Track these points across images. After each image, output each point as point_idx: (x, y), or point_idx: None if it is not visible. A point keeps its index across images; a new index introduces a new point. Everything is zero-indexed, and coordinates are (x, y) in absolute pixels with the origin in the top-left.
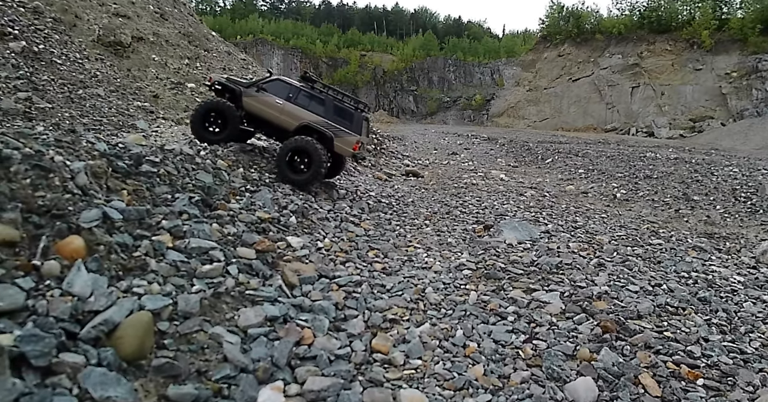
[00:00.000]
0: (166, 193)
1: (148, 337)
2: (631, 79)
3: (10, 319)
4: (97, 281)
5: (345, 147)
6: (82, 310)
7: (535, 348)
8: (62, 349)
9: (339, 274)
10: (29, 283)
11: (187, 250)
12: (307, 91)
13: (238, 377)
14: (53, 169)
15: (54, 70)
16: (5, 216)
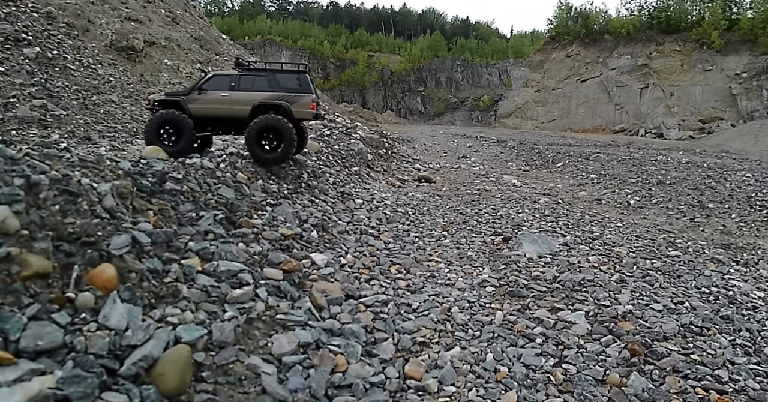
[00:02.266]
0: (191, 211)
1: (187, 372)
2: (640, 79)
3: (49, 357)
4: (132, 312)
5: (304, 110)
6: (120, 345)
7: (566, 372)
8: (104, 389)
9: (365, 294)
10: (65, 317)
11: (216, 273)
12: (247, 74)
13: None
14: (81, 193)
15: (68, 76)
16: (36, 246)
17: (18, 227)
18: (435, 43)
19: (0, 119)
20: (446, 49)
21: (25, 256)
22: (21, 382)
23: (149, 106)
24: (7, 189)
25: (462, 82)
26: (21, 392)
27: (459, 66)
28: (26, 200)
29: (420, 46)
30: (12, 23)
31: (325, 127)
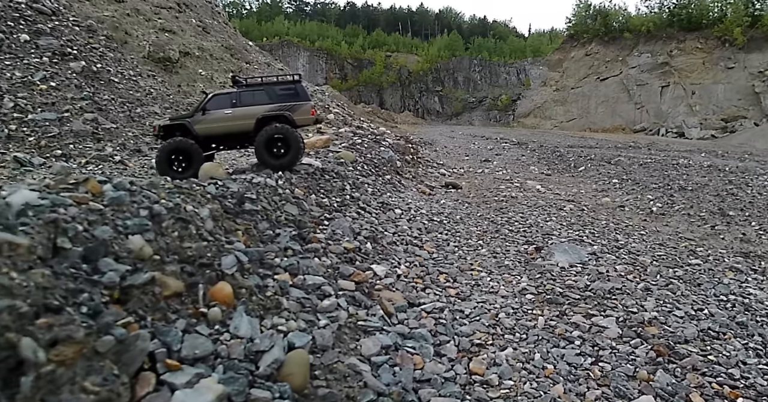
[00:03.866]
0: (268, 229)
1: (307, 371)
2: (661, 78)
3: (203, 363)
4: (252, 323)
5: (305, 117)
6: (251, 351)
7: (602, 369)
8: (250, 387)
9: (423, 301)
10: (205, 329)
11: (304, 286)
12: (245, 90)
13: (380, 400)
14: (189, 219)
15: (113, 89)
16: (168, 268)
17: (151, 253)
18: (452, 42)
19: (57, 133)
20: (464, 49)
21: (164, 279)
22: (199, 383)
23: (154, 133)
24: (136, 220)
25: (480, 82)
26: (210, 392)
27: (477, 65)
28: (153, 229)
29: (437, 45)
30: (57, 38)
31: (354, 134)
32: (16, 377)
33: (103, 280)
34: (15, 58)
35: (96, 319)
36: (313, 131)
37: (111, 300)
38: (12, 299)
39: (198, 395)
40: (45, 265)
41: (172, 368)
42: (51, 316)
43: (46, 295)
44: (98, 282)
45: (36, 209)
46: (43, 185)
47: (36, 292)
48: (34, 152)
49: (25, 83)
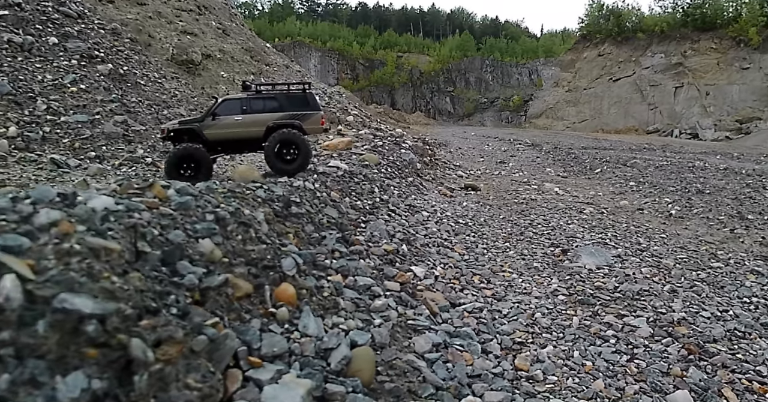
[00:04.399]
0: (314, 232)
1: (373, 367)
2: (675, 78)
3: (280, 360)
4: (318, 322)
5: (314, 126)
6: (321, 349)
7: (638, 366)
8: (326, 382)
9: (463, 302)
10: (278, 328)
11: (356, 287)
12: (256, 97)
13: (439, 394)
14: (249, 223)
15: (140, 92)
16: (236, 271)
17: (221, 256)
18: (464, 43)
19: (90, 135)
20: (475, 49)
21: (235, 280)
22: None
23: (162, 136)
24: (204, 224)
25: (491, 82)
26: (299, 387)
27: (488, 66)
28: (220, 232)
29: (449, 46)
30: (84, 41)
31: (374, 136)
32: (127, 376)
33: (184, 282)
34: (45, 60)
35: (185, 320)
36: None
37: (192, 301)
38: (116, 302)
39: (288, 390)
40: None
41: (254, 365)
42: (151, 318)
43: (144, 298)
44: (180, 284)
45: (115, 214)
46: (111, 190)
47: (135, 294)
48: (69, 154)
49: (56, 86)
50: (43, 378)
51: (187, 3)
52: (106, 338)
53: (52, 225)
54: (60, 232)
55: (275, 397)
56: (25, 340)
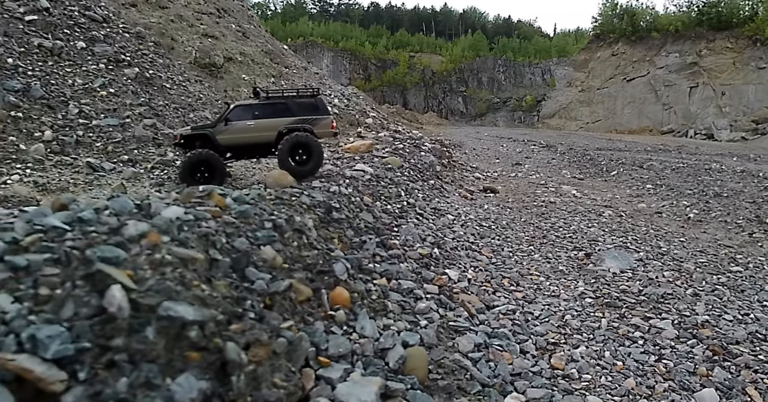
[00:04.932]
0: (354, 236)
1: (426, 366)
2: (690, 78)
3: (344, 360)
4: (373, 324)
5: (325, 130)
6: (378, 349)
7: (666, 366)
8: (386, 380)
9: (496, 304)
10: (338, 330)
11: (400, 290)
12: (267, 102)
13: (485, 391)
14: (302, 229)
15: (166, 95)
16: (296, 276)
17: (281, 262)
18: (476, 42)
19: (121, 139)
20: (488, 49)
21: (297, 285)
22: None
23: (175, 141)
24: (264, 231)
25: (504, 82)
26: (372, 384)
27: (501, 66)
28: (279, 239)
29: (461, 46)
30: (110, 45)
31: (394, 139)
32: (223, 377)
33: (255, 287)
34: (74, 64)
35: (262, 323)
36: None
37: (264, 306)
38: (210, 309)
39: (361, 387)
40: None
41: (323, 365)
42: (239, 323)
43: (231, 304)
44: (253, 290)
45: (187, 224)
46: (174, 199)
47: (223, 301)
48: (102, 157)
49: (87, 90)
50: (156, 380)
51: (207, 6)
52: (205, 342)
53: (141, 236)
54: (150, 243)
55: (350, 394)
56: (136, 345)
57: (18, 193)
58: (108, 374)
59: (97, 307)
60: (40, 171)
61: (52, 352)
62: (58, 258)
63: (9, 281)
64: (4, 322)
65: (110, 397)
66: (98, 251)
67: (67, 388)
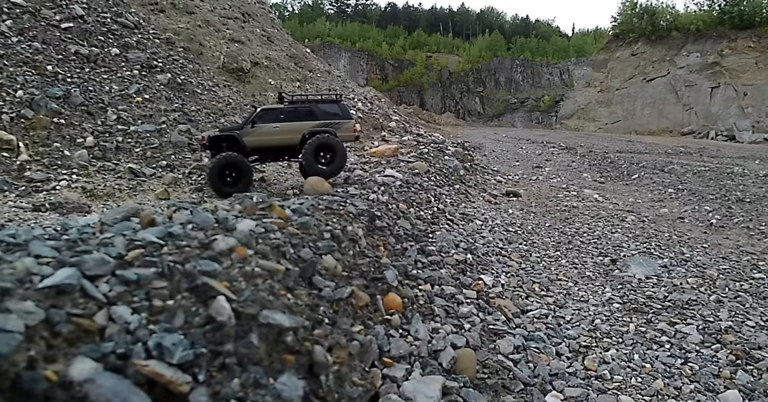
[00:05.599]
0: (396, 243)
1: (475, 366)
2: (711, 78)
3: (404, 360)
4: (425, 327)
5: (347, 134)
6: (432, 350)
7: (691, 369)
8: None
9: (530, 308)
10: (395, 333)
11: (443, 295)
12: (292, 107)
13: (527, 390)
14: (355, 238)
15: (197, 100)
16: (354, 283)
17: (341, 270)
18: (494, 42)
19: (158, 144)
20: (505, 49)
21: (357, 292)
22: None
23: (202, 143)
24: (324, 242)
25: (522, 83)
26: (435, 382)
27: (519, 66)
28: (337, 249)
29: (479, 46)
30: (143, 51)
31: (418, 143)
32: (312, 376)
33: (324, 295)
34: (110, 71)
35: (335, 328)
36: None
37: (334, 312)
38: (296, 316)
39: (426, 385)
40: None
41: (387, 365)
42: (320, 328)
43: (310, 311)
44: (322, 297)
45: (260, 236)
46: (239, 211)
47: (305, 308)
48: (142, 163)
49: (123, 96)
50: (263, 380)
51: (232, 11)
52: (298, 346)
53: (230, 250)
54: (239, 257)
55: (416, 391)
56: (243, 350)
57: (69, 199)
58: (222, 376)
59: (206, 316)
60: (86, 176)
61: (177, 358)
62: (161, 271)
63: (125, 294)
64: (129, 332)
65: (229, 395)
66: (198, 265)
67: (191, 388)
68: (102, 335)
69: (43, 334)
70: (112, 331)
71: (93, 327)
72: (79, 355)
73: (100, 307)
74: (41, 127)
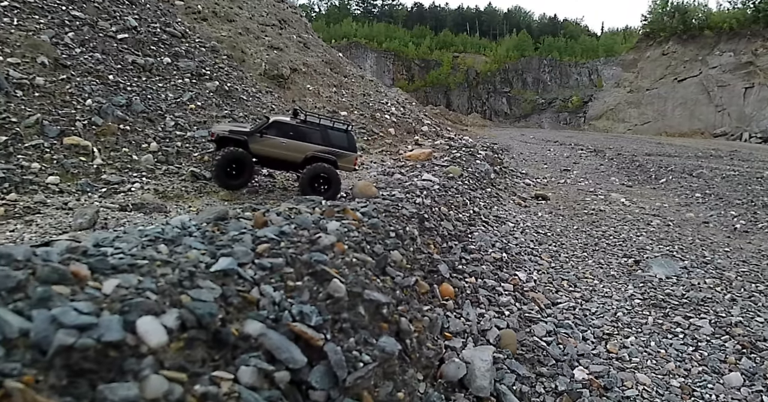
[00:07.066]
0: (442, 242)
1: (516, 343)
2: (744, 78)
3: (459, 336)
4: (474, 311)
5: (347, 165)
6: (480, 330)
7: (701, 355)
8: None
9: (559, 301)
10: (451, 315)
11: (486, 287)
12: (303, 126)
13: (558, 365)
14: (414, 237)
15: (244, 106)
16: (416, 274)
17: (406, 263)
18: (521, 42)
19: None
20: (533, 49)
21: (420, 281)
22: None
23: (211, 138)
24: (391, 240)
25: (549, 83)
26: (488, 350)
27: (546, 66)
28: (401, 246)
29: (506, 45)
30: (192, 59)
31: (450, 147)
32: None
33: (396, 282)
34: (164, 79)
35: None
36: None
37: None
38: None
39: (481, 352)
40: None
41: (447, 338)
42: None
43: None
44: (396, 283)
45: (346, 234)
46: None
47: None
48: (201, 166)
49: (178, 103)
50: (370, 340)
51: (269, 18)
52: (390, 317)
53: (332, 245)
54: (340, 250)
55: (473, 356)
56: (353, 318)
57: (147, 200)
58: (341, 335)
59: (326, 293)
60: (154, 179)
61: (314, 321)
62: (287, 261)
63: (265, 277)
64: (275, 304)
65: (350, 348)
66: (312, 256)
67: (324, 342)
68: (258, 305)
69: (221, 304)
70: (265, 303)
71: (253, 299)
72: (248, 319)
73: (252, 285)
74: (110, 133)
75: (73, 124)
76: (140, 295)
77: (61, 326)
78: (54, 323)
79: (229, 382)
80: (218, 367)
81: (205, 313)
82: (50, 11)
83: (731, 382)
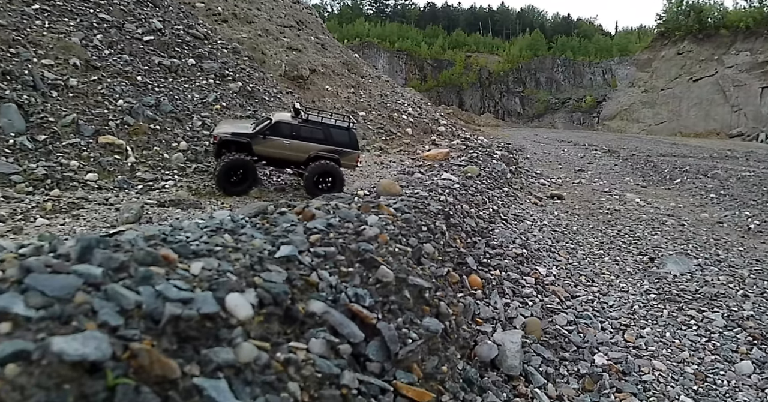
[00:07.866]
0: (466, 238)
1: (540, 329)
2: (761, 78)
3: (488, 322)
4: (501, 301)
5: (350, 163)
6: (507, 317)
7: (714, 345)
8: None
9: (578, 295)
10: (480, 303)
11: (510, 279)
12: (305, 125)
13: (579, 351)
14: (442, 231)
15: (266, 107)
16: (446, 265)
17: (437, 255)
18: (534, 42)
19: None
20: (546, 48)
21: (451, 272)
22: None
23: (214, 141)
24: (424, 233)
25: (563, 83)
26: (517, 334)
27: (560, 65)
28: (432, 239)
29: (519, 45)
30: (215, 60)
31: (466, 147)
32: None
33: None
34: (189, 80)
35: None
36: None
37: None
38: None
39: (510, 335)
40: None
41: (477, 323)
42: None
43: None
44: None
45: (384, 228)
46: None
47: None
48: None
49: (204, 104)
50: (416, 320)
51: (287, 19)
52: (431, 301)
53: (376, 236)
54: (383, 241)
55: (504, 339)
56: (400, 301)
57: (182, 197)
58: (390, 316)
59: (375, 278)
60: (185, 177)
61: (367, 302)
62: (338, 250)
63: (320, 263)
64: (332, 287)
65: (399, 327)
66: (360, 245)
67: (377, 321)
68: (317, 288)
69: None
70: (323, 286)
71: (313, 282)
72: (311, 299)
73: (311, 270)
74: (141, 132)
75: (106, 124)
76: (222, 276)
77: (167, 300)
78: (160, 297)
79: (303, 351)
80: (290, 340)
81: (280, 292)
82: (79, 14)
83: (742, 370)
